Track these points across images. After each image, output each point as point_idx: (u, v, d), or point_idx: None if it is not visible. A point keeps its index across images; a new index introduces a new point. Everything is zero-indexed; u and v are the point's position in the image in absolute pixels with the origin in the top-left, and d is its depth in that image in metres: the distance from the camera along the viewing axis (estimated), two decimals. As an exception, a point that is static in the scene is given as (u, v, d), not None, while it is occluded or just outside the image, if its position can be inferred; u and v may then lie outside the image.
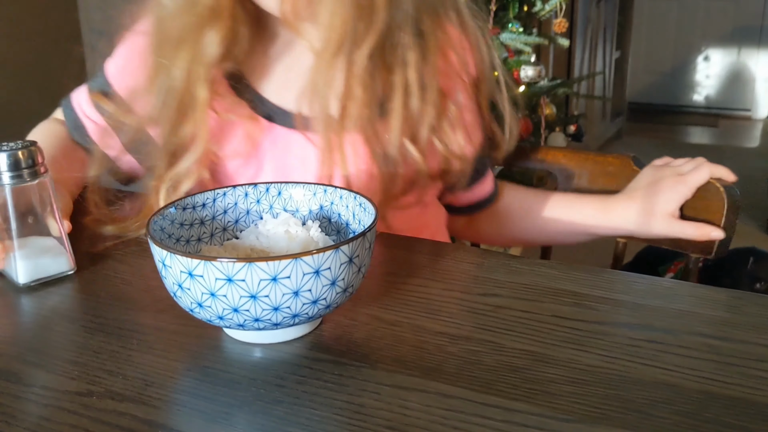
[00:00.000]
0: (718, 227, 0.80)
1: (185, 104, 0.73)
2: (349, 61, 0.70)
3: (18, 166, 0.61)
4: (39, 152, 0.62)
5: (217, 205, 0.61)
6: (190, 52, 0.72)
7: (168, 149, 0.75)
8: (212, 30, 0.71)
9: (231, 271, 0.45)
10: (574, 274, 0.63)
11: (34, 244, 0.63)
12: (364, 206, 0.57)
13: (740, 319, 0.55)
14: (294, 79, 0.76)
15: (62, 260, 0.65)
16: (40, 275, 0.63)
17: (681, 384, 0.46)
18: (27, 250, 0.63)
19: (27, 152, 0.62)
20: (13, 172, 0.61)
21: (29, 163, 0.61)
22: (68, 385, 0.48)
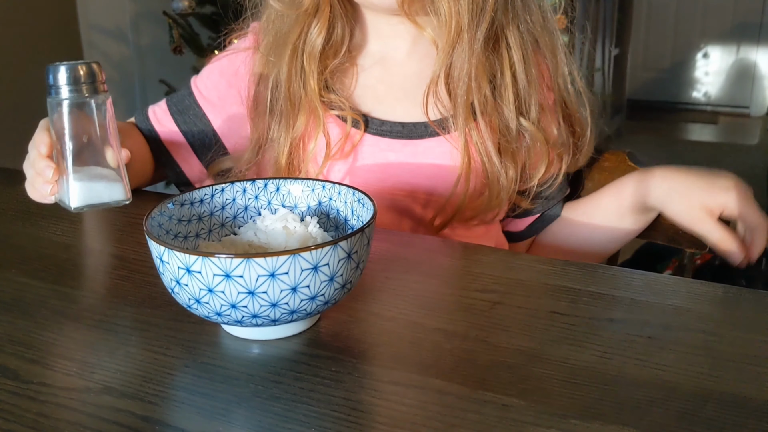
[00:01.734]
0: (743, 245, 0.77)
1: (295, 97, 0.79)
2: (470, 48, 0.74)
3: (77, 81, 0.59)
4: (100, 70, 0.60)
5: (215, 201, 0.61)
6: (297, 45, 0.78)
7: (260, 143, 0.81)
8: (316, 23, 0.77)
9: (229, 267, 0.45)
10: (570, 270, 0.63)
11: (90, 170, 0.62)
12: (363, 202, 0.57)
13: (736, 315, 0.55)
14: (385, 92, 0.82)
15: (118, 188, 0.63)
16: (94, 200, 0.62)
17: (677, 381, 0.46)
18: (82, 174, 0.61)
19: (87, 68, 0.59)
20: (71, 86, 0.59)
21: (89, 80, 0.59)
22: (66, 381, 0.48)
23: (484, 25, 0.74)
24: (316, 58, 0.79)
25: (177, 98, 0.89)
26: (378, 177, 0.80)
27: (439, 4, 0.73)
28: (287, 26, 0.79)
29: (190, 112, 0.87)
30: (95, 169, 0.62)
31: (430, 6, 0.74)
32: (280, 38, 0.80)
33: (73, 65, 0.59)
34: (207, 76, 0.89)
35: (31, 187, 0.72)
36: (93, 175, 0.62)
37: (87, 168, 0.62)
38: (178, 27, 2.21)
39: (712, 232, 0.77)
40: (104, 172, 0.62)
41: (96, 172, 0.62)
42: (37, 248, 0.70)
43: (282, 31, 0.80)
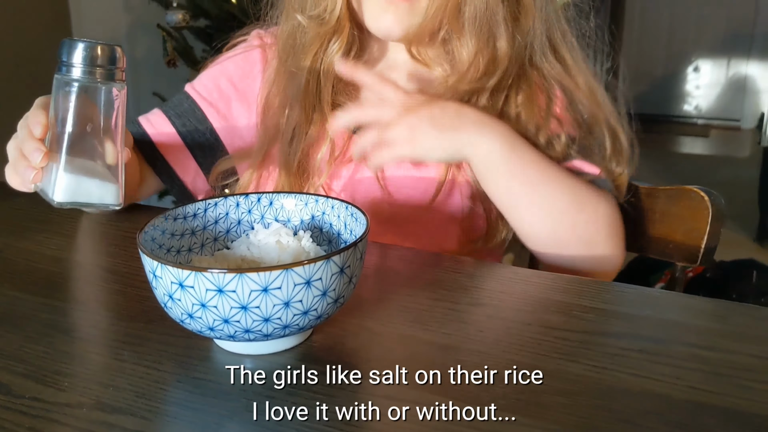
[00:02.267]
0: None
1: (310, 106, 0.81)
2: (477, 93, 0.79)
3: (93, 62, 0.52)
4: (122, 55, 0.54)
5: (208, 215, 0.61)
6: (318, 58, 0.81)
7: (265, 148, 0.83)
8: (336, 39, 0.80)
9: (222, 282, 0.45)
10: (563, 284, 0.63)
11: (83, 163, 0.55)
12: (356, 216, 0.57)
13: (728, 328, 0.55)
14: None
15: (110, 190, 0.56)
16: (81, 198, 0.55)
17: (669, 394, 0.47)
18: (74, 166, 0.54)
19: (108, 49, 0.53)
20: (86, 66, 0.52)
21: (107, 63, 0.53)
22: (58, 396, 0.48)
23: (496, 78, 0.78)
24: (333, 72, 0.81)
25: (173, 103, 0.89)
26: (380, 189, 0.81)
27: (457, 51, 0.78)
28: (309, 39, 0.81)
29: (190, 115, 0.87)
30: (89, 163, 0.55)
31: (445, 50, 0.80)
32: (300, 50, 0.82)
33: (91, 43, 0.53)
34: (208, 79, 0.89)
35: (12, 170, 0.66)
36: (86, 170, 0.55)
37: (81, 160, 0.55)
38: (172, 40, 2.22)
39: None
40: (99, 168, 0.56)
41: (90, 166, 0.55)
42: (28, 262, 0.70)
43: (302, 43, 0.82)
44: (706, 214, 0.81)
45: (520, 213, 0.76)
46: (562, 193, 0.75)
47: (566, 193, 0.75)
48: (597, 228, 0.76)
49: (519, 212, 0.76)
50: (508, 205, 0.76)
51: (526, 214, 0.76)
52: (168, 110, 0.88)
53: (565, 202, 0.75)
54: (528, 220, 0.76)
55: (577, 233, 0.75)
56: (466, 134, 0.73)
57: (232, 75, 0.88)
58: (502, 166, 0.74)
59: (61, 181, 0.54)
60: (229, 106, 0.87)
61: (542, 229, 0.76)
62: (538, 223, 0.76)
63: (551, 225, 0.75)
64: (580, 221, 0.75)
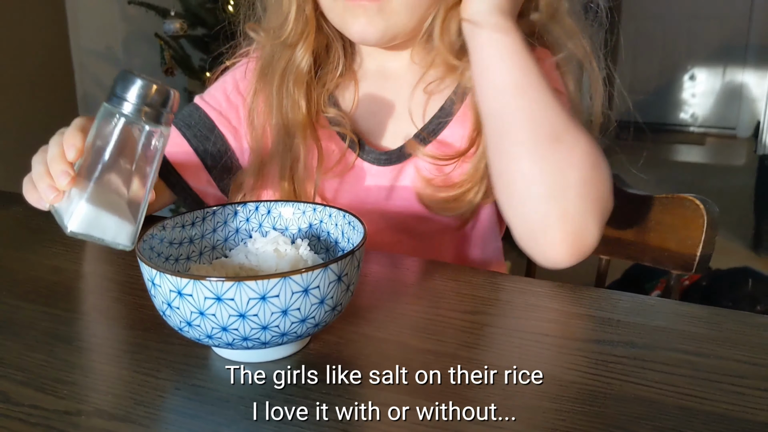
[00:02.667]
0: None
1: (288, 120, 0.81)
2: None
3: (147, 101, 0.52)
4: (176, 100, 0.54)
5: (206, 224, 0.62)
6: (285, 72, 0.80)
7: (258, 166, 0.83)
8: (300, 49, 0.80)
9: (220, 290, 0.46)
10: (557, 292, 0.64)
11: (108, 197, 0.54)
12: (353, 224, 0.57)
13: (720, 335, 0.56)
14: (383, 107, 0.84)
15: (126, 230, 0.56)
16: (94, 232, 0.54)
17: (661, 400, 0.47)
18: (98, 199, 0.53)
19: (163, 93, 0.52)
20: (139, 104, 0.52)
21: (160, 106, 0.53)
22: (57, 404, 0.48)
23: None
24: (302, 82, 0.81)
25: (183, 115, 0.89)
26: (374, 198, 0.81)
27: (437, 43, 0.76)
28: (277, 54, 0.82)
29: (200, 126, 0.87)
30: (114, 198, 0.55)
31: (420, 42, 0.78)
32: (267, 66, 0.82)
33: (148, 82, 0.52)
34: (216, 90, 0.90)
35: (31, 185, 0.65)
36: (108, 204, 0.54)
37: (106, 194, 0.54)
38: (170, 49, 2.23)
39: None
40: (121, 206, 0.55)
41: (113, 201, 0.55)
42: (28, 270, 0.70)
43: (270, 58, 0.82)
44: (701, 223, 0.82)
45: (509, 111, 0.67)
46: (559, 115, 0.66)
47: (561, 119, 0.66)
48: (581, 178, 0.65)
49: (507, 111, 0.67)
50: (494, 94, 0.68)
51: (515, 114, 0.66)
52: (178, 122, 0.88)
53: (560, 127, 0.66)
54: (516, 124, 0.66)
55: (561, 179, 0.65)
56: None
57: (238, 85, 0.89)
58: (505, 34, 0.67)
59: (80, 211, 0.54)
60: (238, 115, 0.88)
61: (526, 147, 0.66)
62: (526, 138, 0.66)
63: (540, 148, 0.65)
64: (567, 165, 0.65)
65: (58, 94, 2.42)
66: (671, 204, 0.86)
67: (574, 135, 0.66)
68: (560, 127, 0.66)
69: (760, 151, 3.04)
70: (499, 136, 0.68)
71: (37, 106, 2.29)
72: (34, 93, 2.31)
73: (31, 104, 2.28)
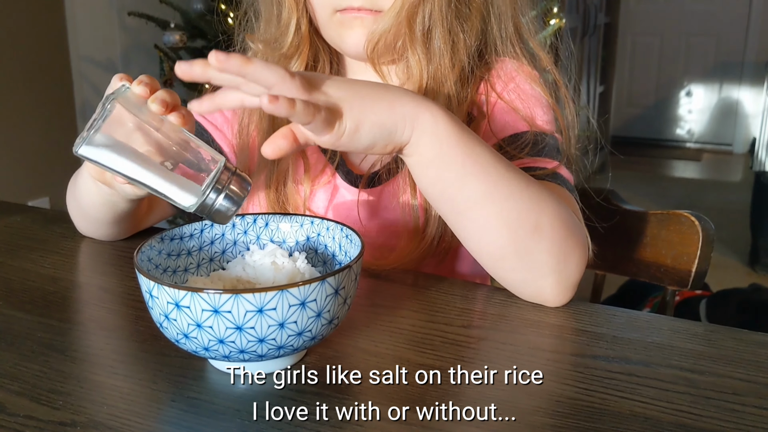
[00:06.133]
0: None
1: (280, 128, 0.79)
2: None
3: (233, 194, 0.55)
4: (244, 187, 0.56)
5: (204, 236, 0.62)
6: None
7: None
8: (295, 62, 0.80)
9: (217, 302, 0.46)
10: (553, 307, 0.64)
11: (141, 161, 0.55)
12: (351, 238, 0.58)
13: (716, 352, 0.56)
14: None
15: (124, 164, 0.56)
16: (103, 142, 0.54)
17: (657, 417, 0.47)
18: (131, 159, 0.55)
19: (238, 181, 0.56)
20: (227, 191, 0.55)
21: (223, 185, 0.55)
22: (52, 414, 0.48)
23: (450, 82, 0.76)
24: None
25: None
26: (356, 216, 0.81)
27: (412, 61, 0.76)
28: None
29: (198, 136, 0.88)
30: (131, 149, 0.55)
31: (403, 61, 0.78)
32: None
33: (236, 175, 0.56)
34: None
35: (126, 76, 0.63)
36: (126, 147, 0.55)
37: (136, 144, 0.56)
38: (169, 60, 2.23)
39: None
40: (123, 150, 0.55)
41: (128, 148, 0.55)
42: (24, 280, 0.70)
43: None
44: (696, 239, 0.82)
45: (473, 214, 0.62)
46: (521, 196, 0.62)
47: (524, 199, 0.62)
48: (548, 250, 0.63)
49: (471, 213, 0.63)
50: (457, 206, 0.63)
51: (480, 216, 0.62)
52: None
53: (523, 209, 0.62)
54: (480, 224, 0.63)
55: (526, 252, 0.63)
56: (403, 107, 0.58)
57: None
58: (450, 148, 0.59)
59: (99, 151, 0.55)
60: (232, 129, 0.88)
61: (496, 238, 0.63)
62: (492, 231, 0.62)
63: (506, 235, 0.62)
64: (533, 238, 0.62)
65: (56, 104, 2.42)
66: (667, 220, 0.87)
67: (548, 215, 0.63)
68: (534, 214, 0.62)
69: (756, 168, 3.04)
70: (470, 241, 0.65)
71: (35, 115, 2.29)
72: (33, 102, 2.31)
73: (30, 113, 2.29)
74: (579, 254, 0.64)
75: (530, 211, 0.62)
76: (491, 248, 0.64)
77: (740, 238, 3.03)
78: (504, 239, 0.62)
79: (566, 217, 0.64)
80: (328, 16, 0.77)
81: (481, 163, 0.61)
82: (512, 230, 0.62)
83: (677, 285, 0.84)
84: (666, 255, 0.85)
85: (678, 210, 0.87)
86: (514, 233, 0.62)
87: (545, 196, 0.63)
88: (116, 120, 0.55)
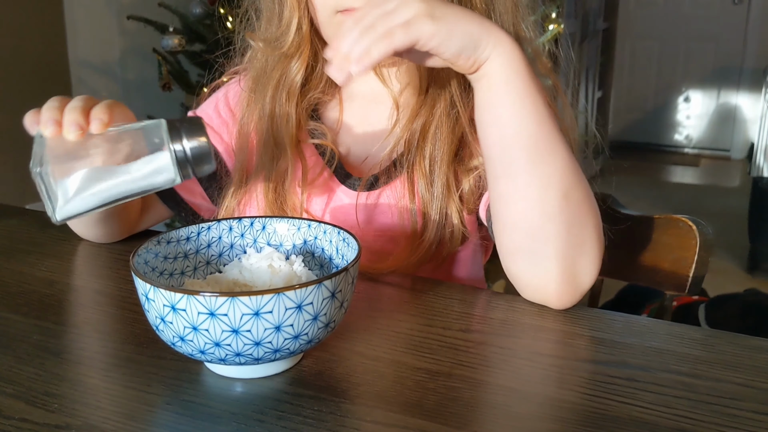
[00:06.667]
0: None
1: (279, 132, 0.81)
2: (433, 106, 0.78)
3: (195, 161, 0.55)
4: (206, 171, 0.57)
5: (201, 239, 0.61)
6: (279, 83, 0.81)
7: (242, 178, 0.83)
8: (296, 62, 0.81)
9: (213, 305, 0.46)
10: (551, 311, 0.64)
11: (90, 178, 0.55)
12: (348, 241, 0.57)
13: (714, 357, 0.56)
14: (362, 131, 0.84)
15: (75, 203, 0.56)
16: (54, 188, 0.55)
17: (656, 422, 0.47)
18: (80, 177, 0.55)
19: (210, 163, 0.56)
20: (187, 154, 0.55)
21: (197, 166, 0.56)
22: (47, 417, 0.47)
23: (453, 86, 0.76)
24: (295, 94, 0.81)
25: None
26: (353, 219, 0.81)
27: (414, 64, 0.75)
28: (270, 64, 0.82)
29: None
30: (95, 182, 0.56)
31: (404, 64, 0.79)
32: (263, 77, 0.83)
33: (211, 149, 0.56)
34: (208, 106, 0.91)
35: (38, 113, 0.62)
36: (87, 178, 0.55)
37: (92, 170, 0.55)
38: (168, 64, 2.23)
39: None
40: (88, 184, 0.56)
41: (89, 177, 0.56)
42: (21, 283, 0.70)
43: (264, 70, 0.83)
44: (693, 244, 0.82)
45: (516, 153, 0.63)
46: (562, 156, 0.63)
47: (571, 164, 0.63)
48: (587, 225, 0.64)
49: (515, 152, 0.63)
50: (504, 139, 0.63)
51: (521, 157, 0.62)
52: None
53: (560, 169, 0.63)
54: (524, 179, 0.63)
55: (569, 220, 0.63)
56: (490, 27, 0.61)
57: (230, 101, 0.89)
58: (520, 82, 0.61)
59: (72, 207, 0.55)
60: (229, 131, 0.88)
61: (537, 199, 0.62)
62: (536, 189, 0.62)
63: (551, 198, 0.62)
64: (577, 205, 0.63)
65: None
66: (665, 225, 0.86)
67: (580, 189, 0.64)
68: (567, 182, 0.63)
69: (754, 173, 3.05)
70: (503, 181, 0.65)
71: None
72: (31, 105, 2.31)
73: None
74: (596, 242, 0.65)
75: (565, 171, 0.63)
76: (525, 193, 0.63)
77: (738, 243, 3.03)
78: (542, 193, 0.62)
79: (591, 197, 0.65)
80: (329, 16, 0.76)
81: (537, 107, 0.62)
82: (546, 188, 0.62)
83: (675, 289, 0.84)
84: (664, 259, 0.85)
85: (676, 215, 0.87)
86: (545, 191, 0.62)
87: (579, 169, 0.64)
88: (59, 172, 0.55)
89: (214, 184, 0.87)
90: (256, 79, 0.84)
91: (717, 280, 2.43)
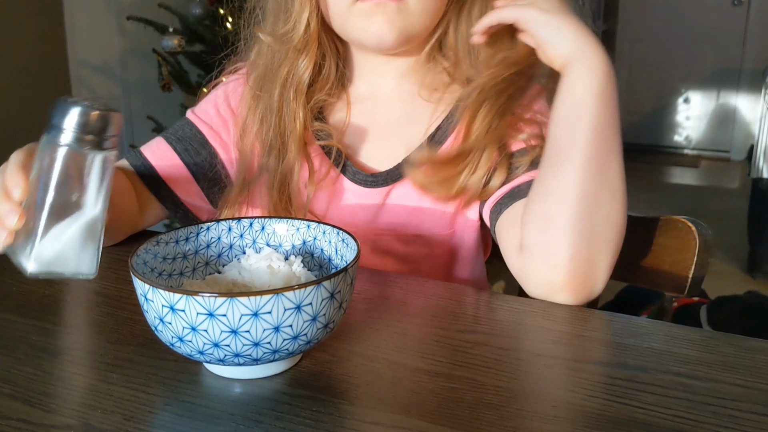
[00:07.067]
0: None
1: (286, 129, 0.81)
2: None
3: (86, 128, 0.50)
4: (118, 122, 0.52)
5: (200, 239, 0.61)
6: (287, 79, 0.81)
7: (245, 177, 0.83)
8: (303, 58, 0.80)
9: (212, 305, 0.46)
10: (550, 312, 0.64)
11: (63, 229, 0.52)
12: (347, 242, 0.57)
13: (714, 358, 0.56)
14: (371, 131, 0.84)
15: (87, 258, 0.54)
16: (55, 269, 0.52)
17: (655, 423, 0.47)
18: (52, 235, 0.51)
19: (103, 117, 0.51)
20: (78, 132, 0.50)
21: (99, 131, 0.51)
22: (46, 418, 0.47)
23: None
24: (303, 92, 0.81)
25: (174, 129, 0.89)
26: (359, 218, 0.81)
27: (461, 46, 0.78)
28: (277, 61, 0.82)
29: (191, 140, 0.87)
30: (69, 230, 0.53)
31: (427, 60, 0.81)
32: (270, 72, 0.82)
33: (85, 108, 0.50)
34: (207, 104, 0.90)
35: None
36: (65, 238, 0.52)
37: (60, 227, 0.52)
38: (167, 64, 2.23)
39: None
40: (78, 235, 0.53)
41: (69, 234, 0.52)
42: (19, 283, 0.70)
43: (272, 66, 0.82)
44: (693, 245, 0.82)
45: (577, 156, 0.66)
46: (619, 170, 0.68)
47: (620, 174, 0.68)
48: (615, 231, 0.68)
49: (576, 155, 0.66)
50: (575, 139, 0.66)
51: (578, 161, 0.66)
52: (169, 136, 0.88)
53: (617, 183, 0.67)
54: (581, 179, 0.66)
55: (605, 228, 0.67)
56: (589, 39, 0.66)
57: (229, 100, 0.89)
58: (598, 98, 0.66)
59: (37, 252, 0.51)
60: (228, 130, 0.88)
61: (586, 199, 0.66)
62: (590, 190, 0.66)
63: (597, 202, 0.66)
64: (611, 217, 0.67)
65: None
66: (664, 226, 0.86)
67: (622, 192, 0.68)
68: (620, 181, 0.68)
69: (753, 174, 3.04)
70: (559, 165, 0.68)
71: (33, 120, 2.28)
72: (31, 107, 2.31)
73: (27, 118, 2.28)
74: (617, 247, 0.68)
75: (621, 169, 0.68)
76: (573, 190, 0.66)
77: (737, 244, 3.03)
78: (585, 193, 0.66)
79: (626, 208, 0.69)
80: (347, 6, 0.76)
81: (608, 120, 0.67)
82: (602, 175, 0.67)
83: (675, 291, 0.84)
84: (664, 261, 0.85)
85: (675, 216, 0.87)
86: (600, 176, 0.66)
87: (623, 198, 0.68)
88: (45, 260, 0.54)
89: (215, 185, 0.87)
90: (262, 76, 0.84)
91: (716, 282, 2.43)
